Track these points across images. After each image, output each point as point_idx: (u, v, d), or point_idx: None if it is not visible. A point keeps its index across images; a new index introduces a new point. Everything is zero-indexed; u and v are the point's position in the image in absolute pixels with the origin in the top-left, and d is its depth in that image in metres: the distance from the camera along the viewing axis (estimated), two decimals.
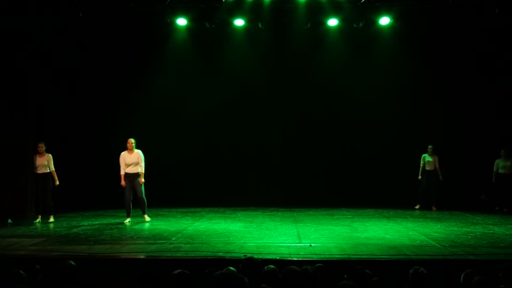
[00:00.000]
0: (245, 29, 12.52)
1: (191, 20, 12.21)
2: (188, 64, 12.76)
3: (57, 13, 10.95)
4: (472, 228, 9.00)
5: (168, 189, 12.39)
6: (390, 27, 12.34)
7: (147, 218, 9.92)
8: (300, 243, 7.52)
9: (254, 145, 12.79)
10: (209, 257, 6.49)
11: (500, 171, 11.87)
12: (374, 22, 12.26)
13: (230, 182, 12.65)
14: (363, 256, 6.54)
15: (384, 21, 12.15)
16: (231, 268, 4.46)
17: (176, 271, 4.27)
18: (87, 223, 9.67)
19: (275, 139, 12.88)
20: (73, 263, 4.71)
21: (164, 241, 7.62)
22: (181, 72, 12.79)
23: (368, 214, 11.01)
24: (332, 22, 12.25)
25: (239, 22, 12.29)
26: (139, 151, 9.90)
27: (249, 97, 12.78)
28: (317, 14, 11.99)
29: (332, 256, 6.57)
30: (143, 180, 9.80)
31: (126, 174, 9.77)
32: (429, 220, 10.08)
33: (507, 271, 4.76)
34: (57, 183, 10.02)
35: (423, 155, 12.10)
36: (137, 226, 9.31)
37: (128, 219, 9.78)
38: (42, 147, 9.93)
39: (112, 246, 7.26)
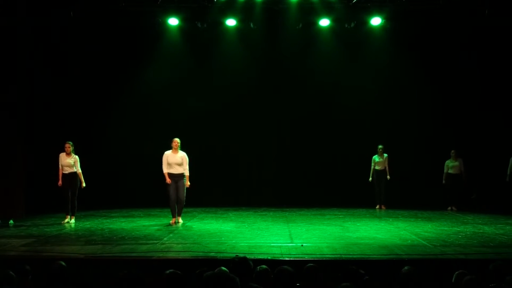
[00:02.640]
0: (237, 29, 12.53)
1: (182, 20, 12.19)
2: (180, 64, 12.73)
3: (49, 13, 10.90)
4: (462, 227, 9.05)
5: (160, 189, 12.35)
6: (382, 27, 12.39)
7: (181, 220, 9.73)
8: (291, 243, 7.52)
9: (246, 145, 12.79)
10: (200, 257, 6.47)
11: (450, 171, 11.98)
12: (365, 23, 12.31)
13: (222, 182, 12.65)
14: (355, 256, 6.55)
15: (376, 21, 12.20)
16: (223, 268, 4.46)
17: (167, 271, 4.28)
18: (78, 223, 9.62)
19: (266, 139, 12.88)
20: (63, 263, 4.70)
21: (155, 241, 7.59)
22: (172, 72, 12.76)
23: (360, 214, 11.05)
24: (324, 22, 12.28)
25: (231, 22, 12.28)
26: (184, 153, 9.69)
27: (241, 97, 12.78)
28: (309, 14, 12.03)
29: (323, 256, 6.57)
30: (188, 183, 9.62)
31: (170, 175, 9.58)
32: (420, 219, 10.12)
33: (497, 270, 4.81)
34: (84, 185, 9.88)
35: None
36: (129, 226, 9.26)
37: (173, 220, 9.64)
38: (69, 147, 9.74)
39: (104, 247, 7.21)
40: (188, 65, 12.77)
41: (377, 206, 12.20)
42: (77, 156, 9.88)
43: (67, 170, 9.76)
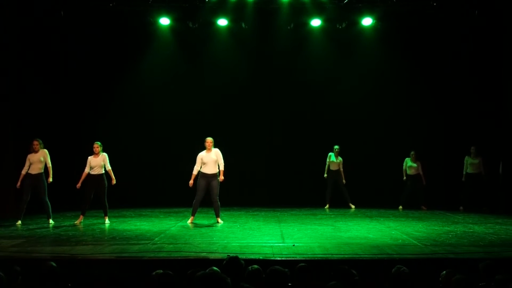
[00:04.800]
0: (229, 29, 12.52)
1: (174, 20, 12.17)
2: (171, 64, 12.72)
3: (39, 12, 10.84)
4: (453, 227, 9.09)
5: (151, 189, 12.33)
6: (373, 27, 12.44)
7: (220, 220, 9.62)
8: (283, 243, 7.51)
9: (238, 145, 12.76)
10: (192, 257, 6.44)
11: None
12: (357, 23, 12.37)
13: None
14: (346, 256, 6.55)
15: (367, 21, 12.26)
16: (215, 268, 4.45)
17: (159, 272, 4.26)
18: (69, 224, 9.55)
19: (258, 139, 12.88)
20: (54, 264, 4.67)
21: (147, 242, 7.55)
22: (164, 72, 12.74)
23: (351, 214, 11.08)
24: (315, 22, 12.32)
25: (222, 22, 12.29)
26: (217, 149, 9.61)
27: (232, 97, 12.77)
28: (300, 15, 12.07)
29: (315, 255, 6.56)
30: (223, 177, 9.52)
31: (203, 174, 9.51)
32: (411, 219, 10.17)
33: (487, 270, 4.84)
34: (114, 182, 9.74)
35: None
36: (120, 227, 9.21)
37: (191, 219, 9.59)
38: (98, 147, 9.61)
39: (94, 247, 7.16)
40: (179, 65, 12.75)
41: (326, 206, 12.18)
42: (105, 154, 9.72)
43: (96, 171, 9.60)
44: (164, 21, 12.19)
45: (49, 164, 9.67)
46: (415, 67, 12.65)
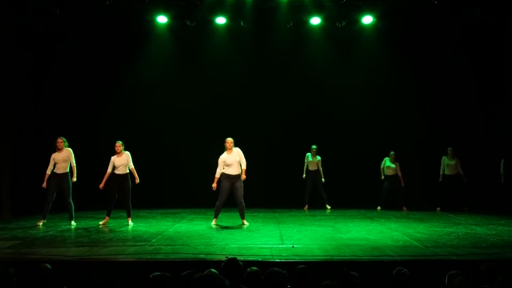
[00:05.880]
0: (227, 27, 12.45)
1: (171, 18, 12.08)
2: (169, 62, 12.64)
3: (35, 10, 10.74)
4: (454, 228, 9.00)
5: (148, 190, 12.20)
6: (373, 26, 12.37)
7: (246, 222, 9.46)
8: (282, 244, 7.42)
9: (236, 144, 12.63)
10: (190, 259, 6.35)
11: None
12: (357, 21, 12.29)
13: (211, 183, 12.47)
14: (346, 257, 6.47)
15: (367, 20, 12.18)
16: (213, 270, 4.38)
17: (156, 274, 4.24)
18: (64, 225, 9.43)
19: (257, 139, 12.78)
20: (49, 266, 4.63)
21: (144, 243, 7.46)
22: (161, 70, 12.66)
23: (351, 215, 10.98)
24: (315, 20, 12.24)
25: (220, 20, 12.19)
26: (238, 149, 9.45)
27: (230, 96, 12.69)
28: (299, 13, 12.00)
29: (314, 257, 6.48)
30: (245, 176, 9.38)
31: (227, 176, 9.35)
32: (412, 220, 10.07)
33: (489, 271, 4.75)
34: (138, 180, 9.59)
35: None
36: (117, 228, 9.12)
37: (214, 221, 9.47)
38: (120, 146, 9.46)
39: (90, 249, 7.07)
40: (177, 63, 12.66)
41: (306, 207, 12.10)
42: (128, 153, 9.56)
43: (121, 171, 9.45)
44: (162, 19, 12.10)
45: (74, 163, 9.48)
46: (416, 65, 12.62)
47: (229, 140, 9.42)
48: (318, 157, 12.19)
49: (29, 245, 7.39)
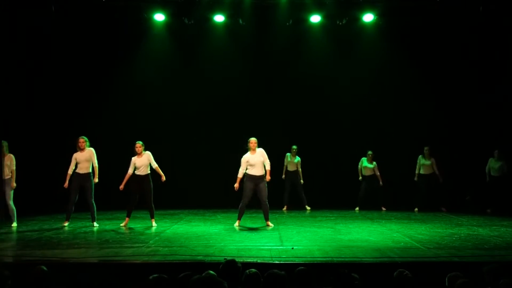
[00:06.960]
0: (226, 25, 12.37)
1: (169, 16, 12.00)
2: (167, 61, 12.57)
3: (29, 7, 10.64)
4: (456, 229, 8.92)
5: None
6: (374, 24, 12.30)
7: (270, 224, 9.31)
8: (282, 245, 7.34)
9: (235, 144, 12.52)
10: (188, 261, 6.28)
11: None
12: (357, 19, 12.22)
13: (210, 184, 12.40)
14: (347, 259, 6.39)
15: (368, 18, 12.11)
16: (211, 272, 4.36)
17: (153, 276, 4.20)
18: (60, 226, 9.32)
19: (256, 138, 12.66)
20: (45, 268, 4.58)
21: (141, 245, 7.37)
22: (159, 69, 12.59)
23: (352, 216, 10.92)
24: (315, 18, 12.16)
25: (219, 18, 12.11)
26: (261, 149, 9.26)
27: (230, 95, 12.62)
28: (299, 10, 11.94)
29: (314, 259, 6.40)
30: (269, 177, 9.21)
31: (251, 176, 9.16)
32: (413, 221, 9.99)
33: (491, 273, 4.69)
34: (164, 178, 9.45)
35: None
36: (113, 229, 9.02)
37: (238, 222, 9.33)
38: (140, 147, 9.32)
39: (87, 250, 6.99)
40: (175, 62, 12.60)
41: (284, 207, 12.01)
42: (149, 152, 9.41)
43: (142, 171, 9.31)
44: (159, 17, 12.03)
45: (96, 164, 9.34)
46: (417, 63, 12.53)
47: (253, 140, 9.21)
48: (298, 158, 12.09)
49: (24, 247, 7.33)
